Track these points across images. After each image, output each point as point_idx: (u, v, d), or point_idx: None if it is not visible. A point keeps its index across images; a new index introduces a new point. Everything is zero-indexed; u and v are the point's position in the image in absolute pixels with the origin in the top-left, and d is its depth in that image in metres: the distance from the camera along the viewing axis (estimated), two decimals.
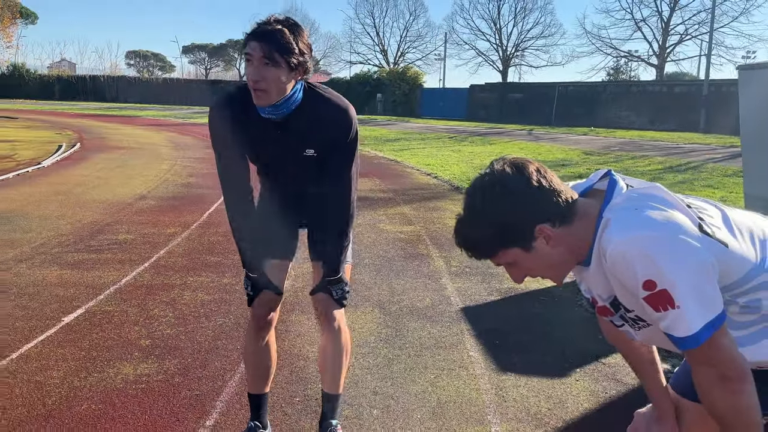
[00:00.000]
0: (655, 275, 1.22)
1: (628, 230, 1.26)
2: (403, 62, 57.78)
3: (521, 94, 39.64)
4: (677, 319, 1.24)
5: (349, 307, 4.10)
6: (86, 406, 2.81)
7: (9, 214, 6.92)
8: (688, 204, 1.36)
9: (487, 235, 1.38)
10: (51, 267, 4.95)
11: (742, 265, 1.32)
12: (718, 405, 1.30)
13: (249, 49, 1.95)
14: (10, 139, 16.46)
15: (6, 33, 55.30)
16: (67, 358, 3.29)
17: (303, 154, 2.19)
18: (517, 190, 1.34)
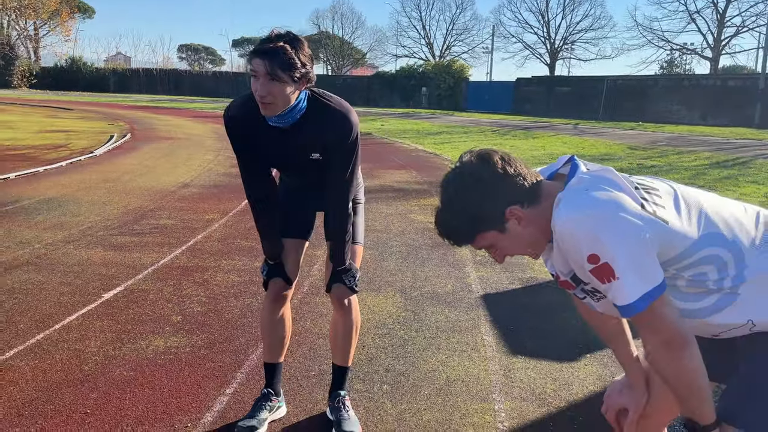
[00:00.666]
0: (598, 250, 1.33)
1: (575, 209, 1.37)
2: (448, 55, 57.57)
3: (568, 88, 39.03)
4: (618, 290, 1.34)
5: (371, 290, 4.27)
6: (119, 372, 3.04)
7: (61, 200, 7.32)
8: (637, 185, 1.46)
9: (463, 222, 1.51)
10: (96, 248, 5.26)
11: (683, 240, 1.41)
12: (663, 369, 1.41)
13: (254, 66, 2.10)
14: (65, 129, 17.20)
15: (64, 27, 57.40)
16: (105, 330, 3.54)
17: (309, 157, 2.36)
18: (484, 178, 1.47)
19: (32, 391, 2.83)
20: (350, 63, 67.45)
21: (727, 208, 1.52)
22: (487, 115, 35.28)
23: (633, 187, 1.44)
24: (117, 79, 56.11)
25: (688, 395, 1.42)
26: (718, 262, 1.44)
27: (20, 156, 11.31)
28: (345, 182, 2.42)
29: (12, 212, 6.59)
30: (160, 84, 55.64)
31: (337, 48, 65.94)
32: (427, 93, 44.42)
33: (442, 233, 1.57)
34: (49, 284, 4.29)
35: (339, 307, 2.59)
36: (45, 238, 5.54)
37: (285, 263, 2.58)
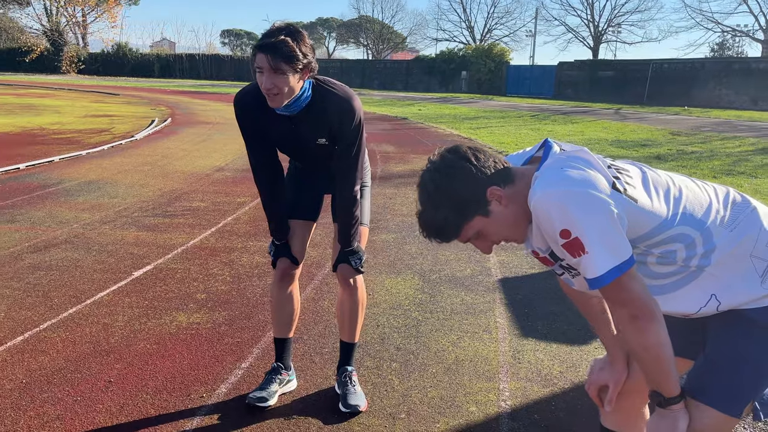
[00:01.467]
0: (569, 225, 1.38)
1: (548, 185, 1.42)
2: (489, 39, 56.88)
3: (612, 72, 38.18)
4: (587, 263, 1.40)
5: (391, 273, 4.36)
6: (142, 345, 3.21)
7: (100, 182, 7.60)
8: (609, 165, 1.50)
9: (449, 214, 1.53)
10: (130, 228, 5.47)
11: (651, 219, 1.46)
12: (629, 341, 1.46)
13: (258, 62, 2.19)
14: (110, 114, 17.71)
15: (111, 14, 58.71)
16: (132, 306, 3.72)
17: (316, 142, 2.46)
18: (458, 165, 1.52)
19: (62, 361, 3.01)
20: (390, 47, 67.26)
21: (696, 189, 1.55)
22: (527, 100, 34.83)
23: (606, 166, 1.48)
24: (161, 64, 57.19)
25: (653, 368, 1.47)
26: (686, 241, 1.48)
27: (65, 140, 11.73)
28: (351, 166, 2.50)
29: (54, 193, 6.88)
30: (202, 69, 56.51)
31: (377, 32, 65.81)
32: (466, 77, 44.05)
33: (428, 233, 1.59)
34: (84, 262, 4.50)
35: (345, 286, 2.68)
36: (83, 218, 5.79)
37: (292, 244, 2.69)
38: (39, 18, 58.52)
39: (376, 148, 11.95)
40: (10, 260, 4.51)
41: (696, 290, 1.52)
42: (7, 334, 3.29)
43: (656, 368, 1.46)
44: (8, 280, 4.08)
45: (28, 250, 4.77)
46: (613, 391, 1.75)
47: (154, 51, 63.76)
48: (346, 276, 2.65)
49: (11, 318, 3.49)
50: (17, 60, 55.01)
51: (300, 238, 2.71)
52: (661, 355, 1.44)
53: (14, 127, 13.65)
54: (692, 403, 1.52)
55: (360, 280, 2.72)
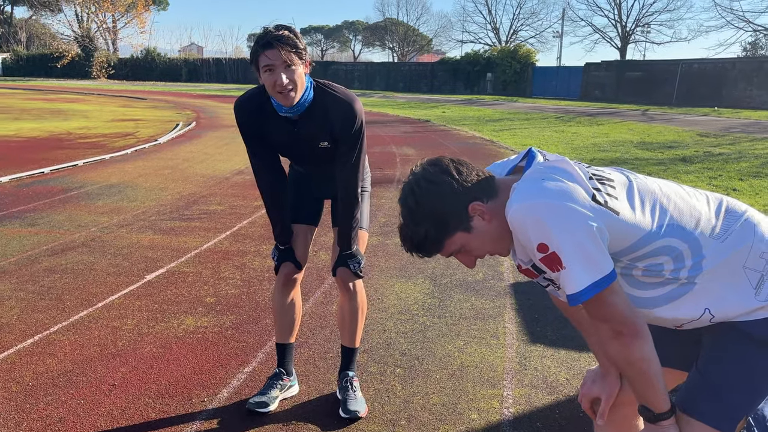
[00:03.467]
0: (546, 239, 1.34)
1: (525, 198, 1.38)
2: (515, 40, 56.51)
3: (640, 73, 37.60)
4: (566, 279, 1.35)
5: (402, 277, 4.33)
6: (149, 349, 3.23)
7: (121, 185, 7.71)
8: (592, 175, 1.45)
9: (430, 229, 1.50)
10: (146, 232, 5.53)
11: (635, 231, 1.40)
12: (614, 356, 1.41)
13: (268, 59, 2.19)
14: (136, 118, 17.97)
15: (140, 20, 59.67)
16: (142, 309, 3.75)
17: (318, 146, 2.45)
18: (439, 180, 1.48)
19: (68, 364, 3.04)
20: (415, 49, 67.22)
21: (686, 198, 1.50)
22: (553, 102, 34.50)
23: (587, 177, 1.43)
24: (188, 68, 57.93)
25: (639, 383, 1.42)
26: (673, 253, 1.43)
27: (91, 144, 11.93)
28: (353, 169, 2.49)
29: (76, 197, 6.99)
30: (229, 73, 57.09)
31: (401, 34, 65.83)
32: (492, 79, 43.80)
33: (410, 247, 1.56)
34: (98, 265, 4.56)
35: (345, 292, 2.66)
36: (101, 221, 5.87)
37: (294, 248, 2.68)
38: (70, 24, 59.79)
39: (396, 150, 11.92)
40: (28, 263, 4.58)
41: (688, 303, 1.46)
42: (18, 336, 3.34)
43: (642, 384, 1.42)
44: (24, 283, 4.15)
45: (45, 253, 4.85)
46: (606, 403, 1.70)
47: (182, 56, 64.62)
48: (346, 280, 2.64)
49: (23, 321, 3.54)
50: (49, 66, 56.27)
51: (302, 242, 2.71)
52: (646, 371, 1.39)
53: (42, 131, 13.93)
54: (683, 417, 1.47)
55: (359, 284, 2.70)
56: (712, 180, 8.75)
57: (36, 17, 69.17)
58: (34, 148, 11.09)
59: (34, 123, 15.68)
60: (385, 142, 13.54)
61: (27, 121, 16.09)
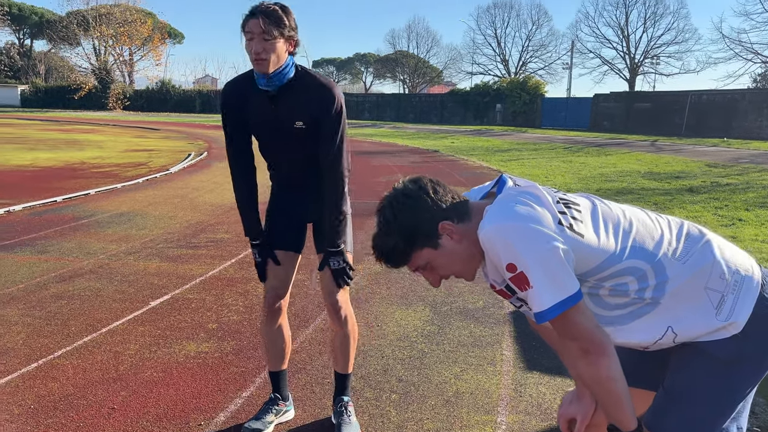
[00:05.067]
0: (514, 259, 1.40)
1: (495, 219, 1.45)
2: (524, 72, 56.99)
3: (649, 104, 37.77)
4: (532, 297, 1.42)
5: (402, 305, 4.37)
6: (149, 373, 3.28)
7: (131, 214, 7.83)
8: (559, 199, 1.52)
9: (399, 241, 1.58)
10: (153, 259, 5.62)
11: (598, 254, 1.47)
12: (582, 375, 1.46)
13: (249, 27, 2.31)
14: (149, 149, 18.25)
15: (156, 52, 60.96)
16: (145, 335, 3.81)
17: (293, 126, 2.49)
18: (415, 196, 1.57)
19: (70, 387, 3.10)
20: (425, 81, 67.92)
21: (648, 222, 1.56)
22: (562, 132, 34.66)
23: (554, 201, 1.50)
24: (202, 100, 58.79)
25: (606, 401, 1.46)
26: (637, 273, 1.48)
27: (104, 173, 12.14)
28: (336, 156, 2.51)
29: (86, 225, 7.11)
30: None
31: (412, 66, 66.59)
32: (501, 110, 44.12)
33: (379, 255, 1.63)
34: (104, 291, 4.64)
35: (335, 319, 2.70)
36: (110, 249, 5.97)
37: (278, 276, 2.71)
38: (88, 57, 61.06)
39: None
40: (36, 289, 4.67)
41: (652, 321, 1.52)
42: (23, 360, 3.41)
43: (609, 401, 1.46)
44: (31, 309, 4.23)
45: (54, 279, 4.94)
46: (581, 424, 1.74)
47: (196, 87, 65.65)
48: (336, 308, 2.67)
49: (28, 345, 3.62)
50: (66, 97, 57.34)
51: (285, 270, 2.73)
52: (613, 389, 1.44)
53: (57, 161, 14.18)
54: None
55: (350, 311, 2.74)
56: (718, 210, 8.76)
57: (55, 50, 70.75)
58: (49, 178, 11.30)
59: (49, 153, 15.97)
60: (392, 171, 13.66)
61: (43, 151, 16.39)
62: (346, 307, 2.71)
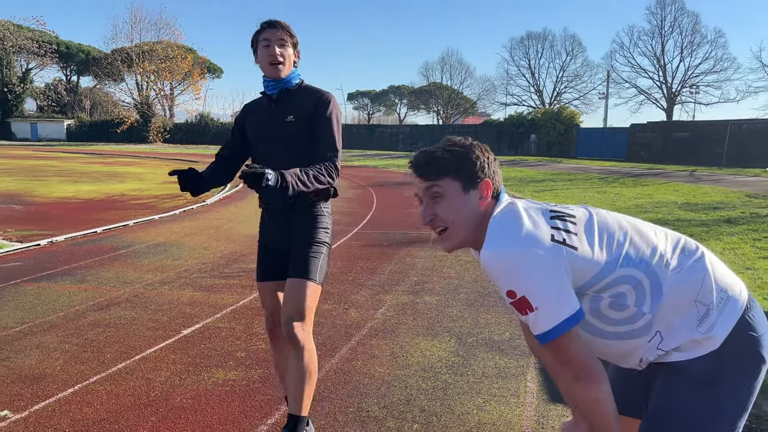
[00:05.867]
0: (514, 285, 1.47)
1: (493, 246, 1.52)
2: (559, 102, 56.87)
3: (687, 133, 37.24)
4: (535, 320, 1.48)
5: (428, 335, 4.41)
6: (179, 400, 3.38)
7: (167, 244, 8.05)
8: (552, 213, 1.59)
9: (447, 158, 1.62)
10: (186, 289, 5.77)
11: (593, 265, 1.52)
12: (576, 398, 1.52)
13: (266, 35, 2.66)
14: None
15: (196, 87, 62.71)
16: (176, 362, 3.92)
17: (285, 120, 2.70)
18: (483, 149, 1.66)
19: (104, 412, 3.21)
20: (459, 112, 68.26)
21: (644, 232, 1.61)
22: (598, 162, 34.37)
23: (549, 216, 1.57)
24: None
25: (598, 424, 1.51)
26: (632, 282, 1.53)
27: (142, 205, 12.49)
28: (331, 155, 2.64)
29: (124, 255, 7.34)
30: None
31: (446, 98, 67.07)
32: (536, 140, 44.04)
33: (418, 158, 1.66)
34: (139, 320, 4.79)
35: (291, 344, 2.62)
36: (146, 278, 6.15)
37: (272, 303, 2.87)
38: (131, 92, 63.09)
39: None
40: (75, 317, 4.84)
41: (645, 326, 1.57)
42: (60, 386, 3.54)
43: (600, 424, 1.51)
44: (69, 336, 4.39)
45: (91, 308, 5.11)
46: None
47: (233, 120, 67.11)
48: (291, 338, 2.61)
49: (65, 371, 3.75)
50: (110, 131, 59.26)
51: (275, 297, 2.87)
52: (603, 412, 1.49)
53: (99, 193, 14.66)
54: None
55: (308, 344, 2.63)
56: (756, 242, 8.58)
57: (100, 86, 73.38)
58: (90, 209, 11.69)
59: (91, 185, 16.51)
60: None
61: (85, 184, 16.95)
62: (302, 337, 2.62)
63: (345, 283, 5.99)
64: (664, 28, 52.81)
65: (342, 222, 10.33)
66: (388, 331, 4.57)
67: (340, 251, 7.72)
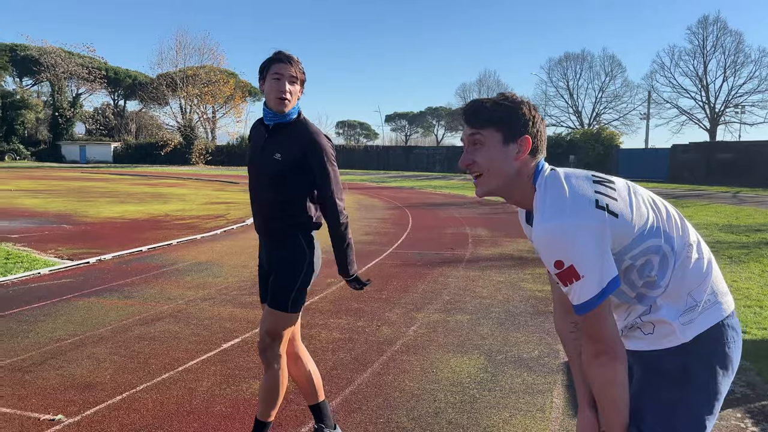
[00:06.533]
0: (563, 255, 1.55)
1: (544, 220, 1.60)
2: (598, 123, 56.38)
3: (731, 154, 36.54)
4: (582, 288, 1.55)
5: (458, 352, 4.54)
6: (219, 408, 3.58)
7: (208, 263, 8.35)
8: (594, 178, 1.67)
9: (494, 110, 1.70)
10: (226, 305, 6.01)
11: (630, 232, 1.61)
12: (592, 377, 1.62)
13: (278, 69, 2.72)
14: (227, 201, 19.20)
15: (237, 110, 64.16)
16: (216, 374, 4.13)
17: (272, 156, 2.78)
18: (534, 109, 1.74)
19: (149, 418, 3.43)
20: None
21: (674, 216, 1.71)
22: (638, 183, 33.80)
23: (591, 180, 1.66)
24: None
25: (608, 406, 1.61)
26: (660, 252, 1.63)
27: (185, 225, 12.91)
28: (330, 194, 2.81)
29: (168, 273, 7.65)
30: None
31: None
32: (575, 161, 43.69)
33: (468, 106, 1.75)
34: (182, 334, 5.03)
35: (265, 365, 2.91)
36: (188, 295, 6.42)
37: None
38: (175, 115, 65.05)
39: (470, 231, 12.18)
40: (122, 331, 5.11)
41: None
42: (109, 393, 3.78)
43: (611, 406, 1.61)
44: (117, 348, 4.65)
45: (137, 322, 5.39)
46: None
47: None
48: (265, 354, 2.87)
49: (114, 380, 4.00)
50: (154, 153, 61.00)
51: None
52: (615, 394, 1.59)
53: (143, 213, 15.18)
54: None
55: (280, 360, 2.89)
56: None
57: (145, 110, 75.78)
58: (136, 229, 12.14)
59: (137, 206, 17.10)
60: (460, 223, 13.84)
61: (131, 204, 17.56)
62: (275, 353, 2.86)
63: (379, 301, 6.15)
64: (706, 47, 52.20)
65: (377, 242, 10.52)
66: (419, 348, 4.71)
67: (374, 270, 7.89)
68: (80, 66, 65.74)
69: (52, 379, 4.01)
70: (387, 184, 31.54)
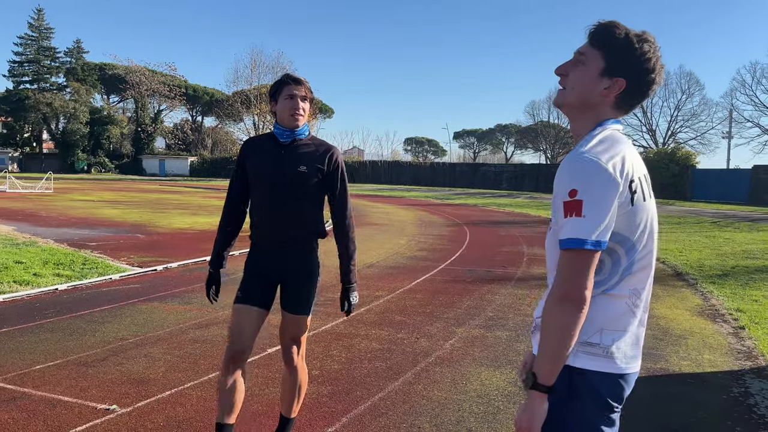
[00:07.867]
0: (580, 187, 1.55)
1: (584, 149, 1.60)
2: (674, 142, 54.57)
3: None
4: (575, 225, 1.54)
5: (490, 366, 4.67)
6: (257, 407, 3.86)
7: None
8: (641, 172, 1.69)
9: (613, 39, 1.68)
10: (275, 313, 6.29)
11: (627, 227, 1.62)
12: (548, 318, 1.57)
13: (292, 89, 2.97)
14: None
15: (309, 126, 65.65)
16: (258, 375, 4.42)
17: (297, 169, 2.98)
18: (653, 63, 1.69)
19: (192, 412, 3.74)
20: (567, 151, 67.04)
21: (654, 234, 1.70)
22: (714, 205, 32.64)
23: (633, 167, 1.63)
24: (349, 170, 61.74)
25: (550, 349, 1.56)
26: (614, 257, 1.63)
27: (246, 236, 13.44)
28: (342, 204, 3.12)
29: (226, 281, 8.04)
30: (383, 174, 60.47)
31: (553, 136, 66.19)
32: None
33: (598, 23, 1.73)
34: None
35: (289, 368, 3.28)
36: None
37: (243, 331, 3.10)
38: (248, 131, 67.18)
39: (527, 250, 12.17)
40: (178, 333, 5.50)
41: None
42: (160, 388, 4.12)
43: (552, 350, 1.55)
44: (172, 349, 5.03)
45: (193, 326, 5.77)
46: None
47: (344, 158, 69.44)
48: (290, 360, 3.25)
49: (166, 377, 4.35)
50: (228, 167, 63.27)
51: (250, 326, 3.13)
52: (564, 340, 1.53)
53: (212, 225, 15.87)
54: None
55: (302, 364, 3.28)
56: None
57: (221, 125, 78.76)
58: (203, 240, 12.77)
59: (207, 218, 17.90)
60: (518, 242, 13.82)
61: (202, 216, 18.39)
62: (300, 359, 3.22)
63: (422, 315, 6.34)
64: None
65: (430, 258, 10.69)
66: (453, 361, 4.87)
67: (422, 286, 8.07)
68: (162, 84, 69.21)
69: (112, 373, 4.40)
70: (450, 201, 31.61)
